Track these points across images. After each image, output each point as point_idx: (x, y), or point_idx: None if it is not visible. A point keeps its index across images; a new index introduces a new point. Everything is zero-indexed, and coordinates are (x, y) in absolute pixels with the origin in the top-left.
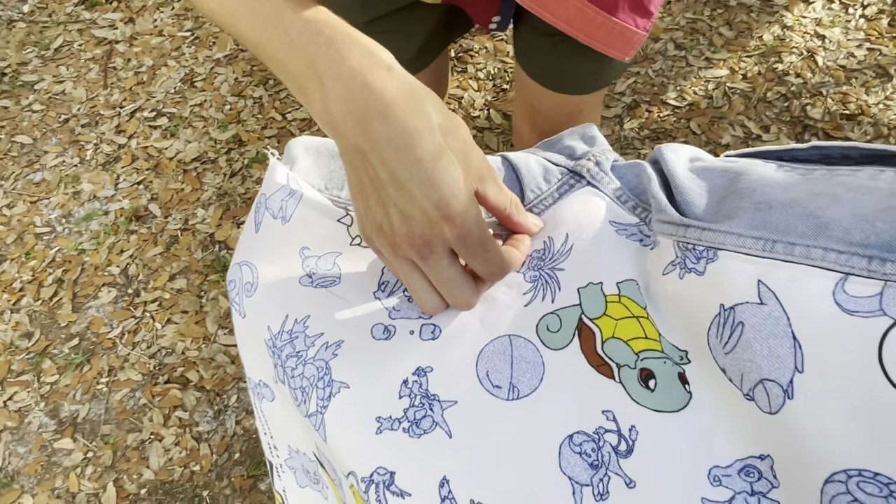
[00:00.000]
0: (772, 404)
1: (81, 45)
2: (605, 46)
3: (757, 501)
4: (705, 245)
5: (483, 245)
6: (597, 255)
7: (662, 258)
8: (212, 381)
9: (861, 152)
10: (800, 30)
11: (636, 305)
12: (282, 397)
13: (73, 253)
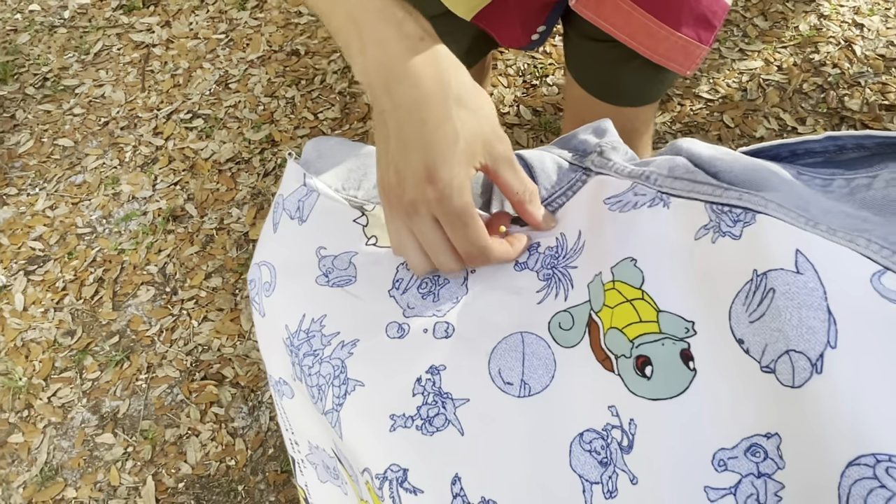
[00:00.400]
0: (795, 377)
1: (120, 49)
2: (666, 60)
3: (763, 484)
4: (744, 207)
5: (462, 219)
6: (597, 244)
7: (693, 221)
8: (246, 377)
9: (875, 141)
10: (837, 19)
11: (628, 287)
12: (300, 394)
13: (113, 253)
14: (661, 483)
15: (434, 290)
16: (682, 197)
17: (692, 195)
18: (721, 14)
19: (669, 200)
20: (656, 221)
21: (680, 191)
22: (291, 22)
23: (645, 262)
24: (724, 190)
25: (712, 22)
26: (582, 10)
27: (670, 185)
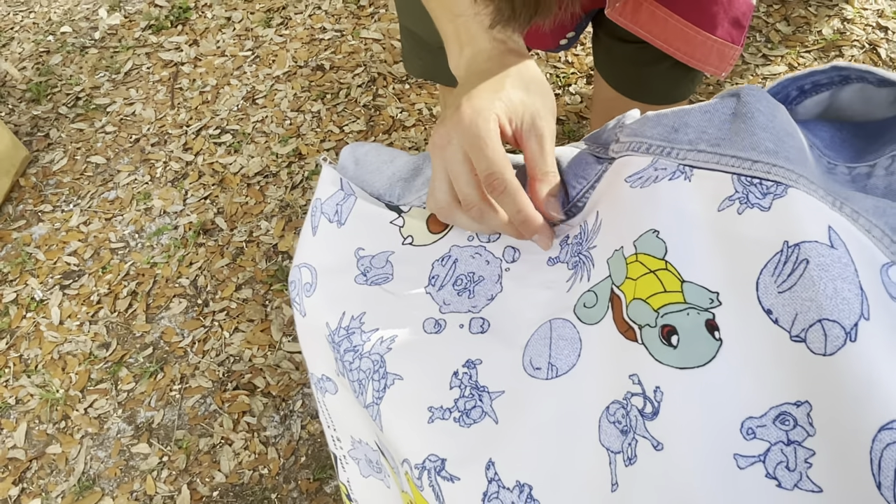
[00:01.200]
0: (828, 345)
1: (150, 68)
2: (702, 64)
3: (793, 451)
4: (774, 180)
5: (483, 139)
6: (616, 220)
7: (717, 193)
8: (278, 387)
9: (877, 77)
10: (861, 22)
11: (652, 259)
12: (344, 389)
13: (146, 266)
14: (688, 450)
15: (469, 286)
16: (705, 169)
17: (717, 167)
18: (749, 13)
19: (692, 173)
20: (678, 193)
21: (704, 163)
22: (316, 38)
23: (667, 233)
24: (753, 162)
25: (742, 22)
26: (617, 18)
27: (693, 157)
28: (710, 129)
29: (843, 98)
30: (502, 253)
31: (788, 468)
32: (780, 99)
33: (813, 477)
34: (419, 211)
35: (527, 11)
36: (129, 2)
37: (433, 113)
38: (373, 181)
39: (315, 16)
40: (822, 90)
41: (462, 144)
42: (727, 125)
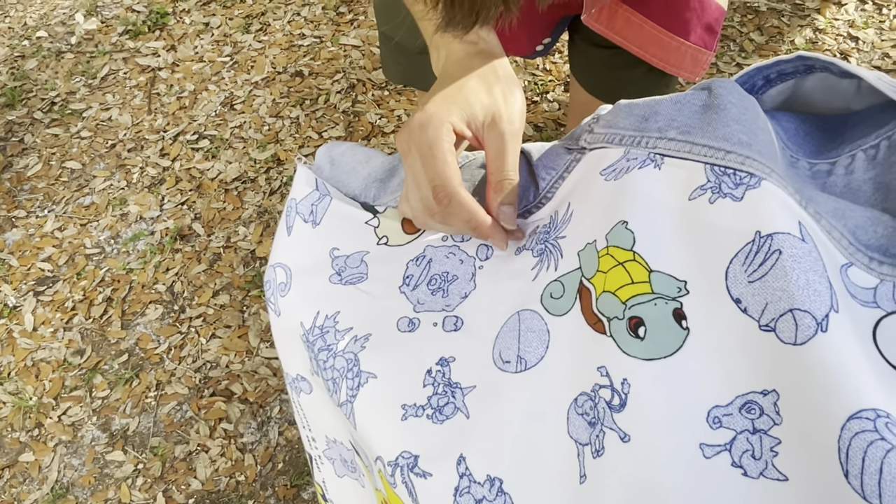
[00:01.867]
0: (798, 335)
1: (126, 73)
2: (676, 69)
3: (759, 440)
4: (749, 171)
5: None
6: (590, 213)
7: (688, 181)
8: (255, 393)
9: (840, 69)
10: (832, 32)
11: (621, 250)
12: (319, 388)
13: (122, 272)
14: (655, 441)
15: (443, 286)
16: (676, 157)
17: (689, 156)
18: (721, 19)
19: (662, 161)
20: (647, 182)
21: (675, 151)
22: (295, 44)
23: (635, 223)
24: (726, 153)
25: (714, 28)
26: (593, 24)
27: (664, 145)
28: (680, 117)
29: (806, 87)
30: (476, 251)
31: (754, 456)
32: (748, 88)
33: (778, 465)
34: (394, 211)
35: (468, 18)
36: (106, 7)
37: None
38: (348, 181)
39: (294, 22)
40: (786, 79)
41: (417, 151)
42: (698, 115)
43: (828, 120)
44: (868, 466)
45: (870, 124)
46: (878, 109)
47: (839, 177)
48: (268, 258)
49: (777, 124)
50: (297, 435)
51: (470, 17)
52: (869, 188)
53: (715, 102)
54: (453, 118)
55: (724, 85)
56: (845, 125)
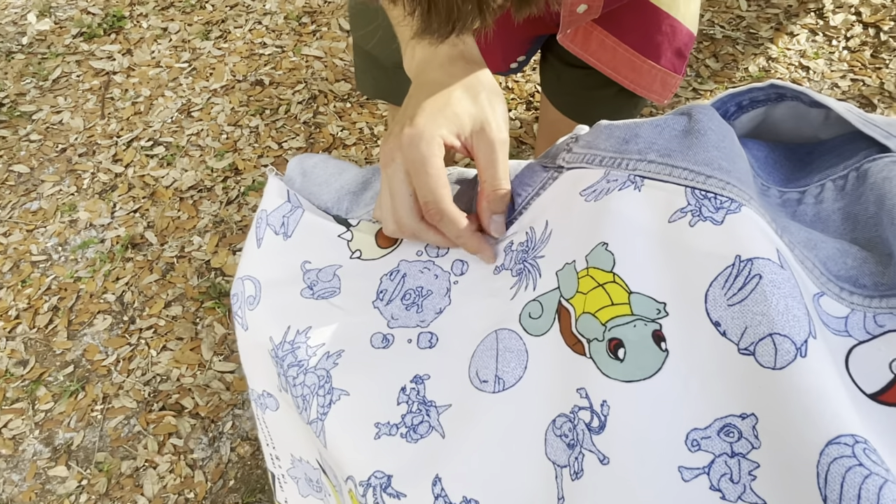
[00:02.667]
0: (778, 359)
1: (79, 76)
2: (646, 91)
3: (737, 463)
4: (729, 196)
5: (424, 165)
6: (569, 233)
7: (668, 204)
8: (207, 407)
9: (810, 98)
10: (784, 61)
11: (600, 272)
12: (286, 405)
13: (69, 280)
14: (633, 463)
15: (418, 301)
16: (657, 180)
17: (670, 179)
18: (690, 44)
19: (642, 183)
20: (627, 203)
21: (655, 174)
22: (256, 53)
23: (615, 244)
24: (707, 177)
25: (684, 53)
26: (569, 44)
27: (644, 168)
28: (660, 140)
29: (776, 115)
30: (451, 266)
31: (732, 480)
32: (721, 113)
33: (756, 489)
34: (368, 225)
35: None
36: (60, 8)
37: (374, 132)
38: (320, 193)
39: (255, 31)
40: (758, 106)
41: (404, 165)
42: (678, 139)
43: (795, 149)
44: (846, 492)
45: (837, 154)
46: (845, 139)
47: (809, 206)
48: (223, 269)
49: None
50: (249, 451)
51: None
52: (838, 218)
53: (695, 128)
54: (443, 131)
55: (704, 111)
56: (812, 154)
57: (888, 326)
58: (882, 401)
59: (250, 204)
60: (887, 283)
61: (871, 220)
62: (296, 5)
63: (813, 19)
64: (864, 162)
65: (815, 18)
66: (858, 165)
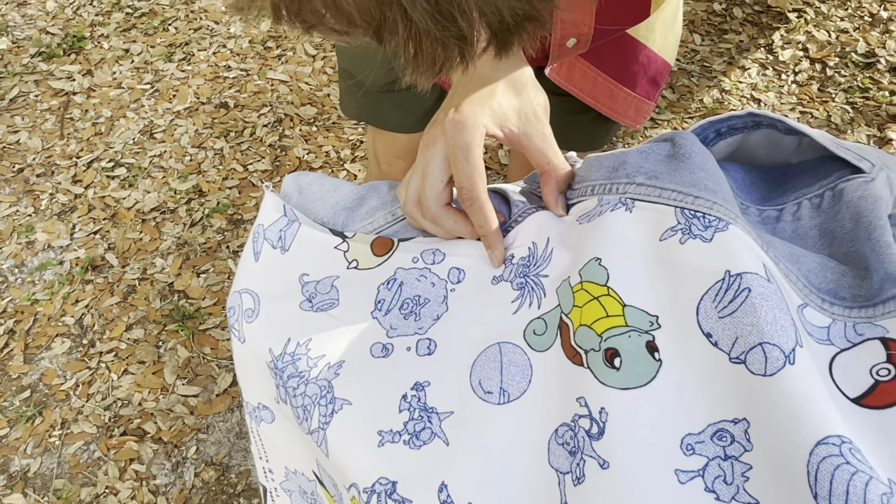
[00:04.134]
0: (768, 367)
1: (38, 96)
2: (621, 117)
3: (730, 466)
4: (717, 215)
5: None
6: (566, 254)
7: (659, 223)
8: (170, 432)
9: (785, 126)
10: (737, 94)
11: (595, 285)
12: (283, 417)
13: (26, 303)
14: (632, 467)
15: (416, 309)
16: (647, 201)
17: (659, 200)
18: (665, 73)
19: (633, 205)
20: (619, 222)
21: (645, 196)
22: (220, 76)
23: (609, 260)
24: (695, 198)
25: (658, 81)
26: (556, 77)
27: (633, 190)
28: (647, 164)
29: (752, 141)
30: (447, 274)
31: (726, 482)
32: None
33: (750, 490)
34: (363, 235)
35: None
36: (18, 27)
37: (340, 155)
38: (316, 209)
39: (220, 54)
40: (735, 133)
41: (444, 149)
42: (664, 163)
43: (769, 170)
44: (836, 489)
45: (811, 175)
46: (817, 162)
47: (787, 223)
48: (187, 291)
49: (727, 174)
50: (214, 476)
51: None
52: (815, 234)
53: (679, 152)
54: (487, 120)
55: (686, 136)
56: (785, 175)
57: (867, 335)
58: (864, 404)
59: (214, 226)
60: (864, 295)
61: (848, 235)
62: (261, 29)
63: (763, 54)
64: (839, 182)
65: (766, 53)
66: (834, 185)
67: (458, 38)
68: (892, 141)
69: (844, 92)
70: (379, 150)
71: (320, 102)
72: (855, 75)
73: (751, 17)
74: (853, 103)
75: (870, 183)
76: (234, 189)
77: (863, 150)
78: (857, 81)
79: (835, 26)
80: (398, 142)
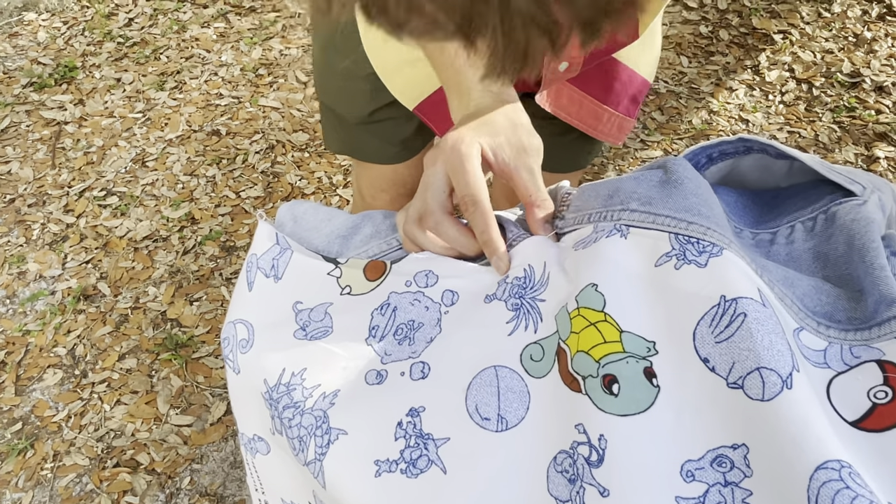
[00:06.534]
0: (766, 392)
1: (29, 126)
2: (604, 135)
3: (731, 492)
4: (711, 241)
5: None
6: (564, 280)
7: (654, 249)
8: (163, 463)
9: (776, 150)
10: (725, 115)
11: (592, 311)
12: (279, 448)
13: (17, 334)
14: (633, 494)
15: (410, 334)
16: (641, 228)
17: (653, 226)
18: (644, 90)
19: (627, 231)
20: (614, 249)
21: (639, 222)
22: (212, 103)
23: (605, 286)
24: (689, 223)
25: (638, 99)
26: (545, 103)
27: (627, 217)
28: (640, 190)
29: (743, 166)
30: (441, 297)
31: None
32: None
33: None
34: (356, 261)
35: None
36: (9, 58)
37: (333, 181)
38: (311, 238)
39: (211, 82)
40: (727, 158)
41: (445, 164)
42: (657, 189)
43: (760, 194)
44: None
45: (803, 198)
46: (808, 186)
47: (781, 246)
48: (179, 320)
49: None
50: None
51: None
52: (808, 257)
53: (672, 178)
54: (483, 139)
55: (679, 163)
56: (777, 199)
57: (864, 357)
58: (863, 427)
59: (207, 254)
60: (860, 318)
61: (842, 258)
62: (252, 57)
63: (750, 75)
64: (831, 205)
65: (752, 74)
66: (826, 208)
67: (549, 24)
68: (879, 159)
69: (831, 111)
70: (363, 183)
71: (312, 129)
72: (841, 95)
73: (737, 39)
74: (840, 122)
75: (862, 206)
76: (227, 216)
77: (853, 173)
78: (843, 101)
79: (820, 47)
80: (381, 174)
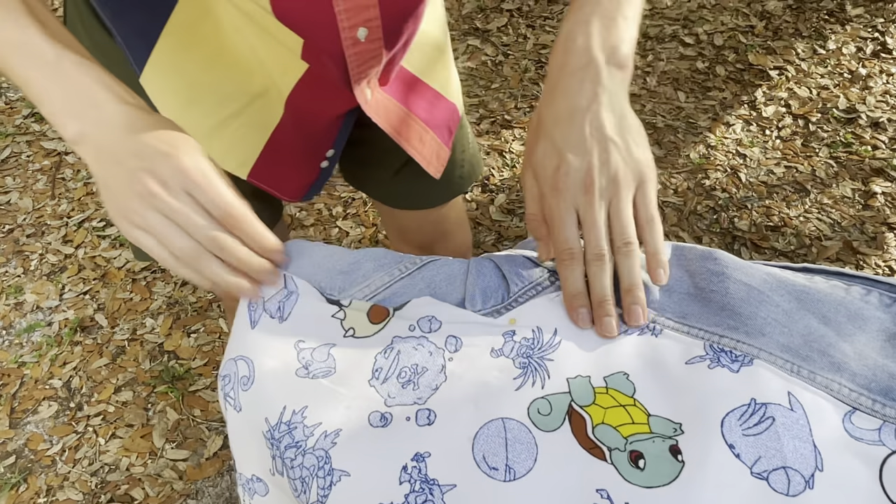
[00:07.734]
0: (791, 489)
1: (30, 157)
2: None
3: None
4: (742, 352)
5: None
6: (581, 351)
7: (686, 351)
8: (158, 498)
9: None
10: (722, 149)
11: (622, 395)
12: (278, 489)
13: (13, 366)
14: None
15: (414, 378)
16: (676, 331)
17: (688, 337)
18: (456, 120)
19: (660, 331)
20: (647, 347)
21: (673, 329)
22: None
23: (637, 376)
24: (720, 336)
25: (452, 129)
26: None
27: (662, 321)
28: (671, 304)
29: None
30: (444, 343)
31: None
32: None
33: None
34: (359, 303)
35: None
36: (12, 89)
37: (332, 213)
38: (314, 274)
39: None
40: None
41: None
42: (690, 301)
43: None
44: None
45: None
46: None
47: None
48: (177, 352)
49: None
50: None
51: None
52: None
53: (709, 287)
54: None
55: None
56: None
57: None
58: None
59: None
60: None
61: None
62: None
63: (747, 110)
64: None
65: (749, 109)
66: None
67: None
68: (876, 195)
69: (828, 147)
70: None
71: None
72: (837, 130)
73: (733, 75)
74: (837, 158)
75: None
76: None
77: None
78: (839, 136)
79: (815, 83)
80: None
